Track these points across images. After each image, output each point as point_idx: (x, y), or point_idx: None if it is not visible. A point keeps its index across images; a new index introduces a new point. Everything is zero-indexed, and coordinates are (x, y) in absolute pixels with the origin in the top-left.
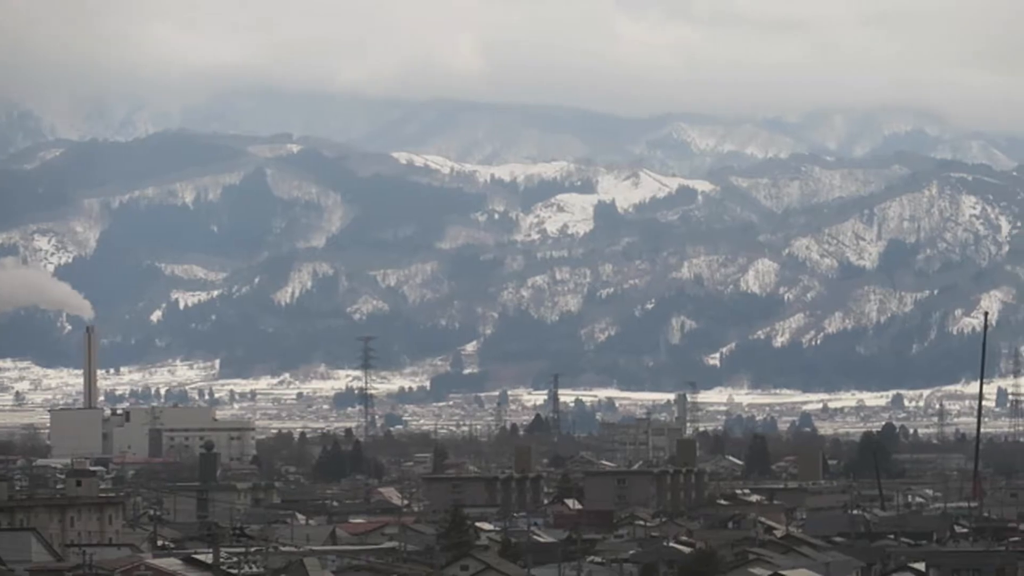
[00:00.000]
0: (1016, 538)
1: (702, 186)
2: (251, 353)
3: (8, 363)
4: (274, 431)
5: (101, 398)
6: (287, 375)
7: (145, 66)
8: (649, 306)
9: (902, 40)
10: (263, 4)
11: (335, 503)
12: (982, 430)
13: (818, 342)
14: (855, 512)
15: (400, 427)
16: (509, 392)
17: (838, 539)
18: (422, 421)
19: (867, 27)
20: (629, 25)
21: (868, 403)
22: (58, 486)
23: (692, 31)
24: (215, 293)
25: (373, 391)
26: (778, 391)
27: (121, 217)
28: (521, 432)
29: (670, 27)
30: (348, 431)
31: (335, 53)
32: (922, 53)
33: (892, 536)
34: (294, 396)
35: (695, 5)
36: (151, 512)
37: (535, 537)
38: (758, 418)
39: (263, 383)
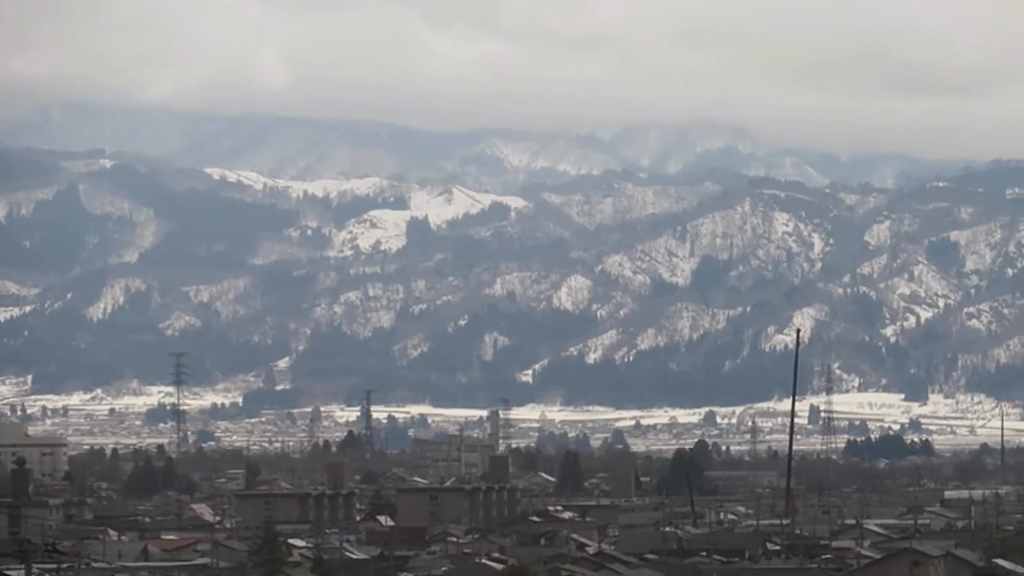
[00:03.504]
0: (828, 555)
1: (515, 202)
2: (63, 369)
3: None
4: (86, 447)
5: None
6: (99, 391)
7: None
8: (462, 322)
9: (713, 57)
10: (72, 18)
11: (147, 519)
12: (794, 447)
13: (631, 359)
14: (667, 529)
15: (212, 443)
16: (322, 408)
17: (650, 556)
18: (234, 437)
19: (676, 44)
20: (436, 39)
21: (680, 420)
22: None
23: (501, 46)
24: (27, 308)
25: (185, 407)
26: (591, 408)
27: None
28: (334, 448)
29: (478, 42)
30: (160, 447)
31: (145, 67)
32: (733, 70)
33: (704, 553)
34: (106, 412)
35: (503, 20)
36: None
37: (347, 554)
38: (571, 435)
39: (75, 399)
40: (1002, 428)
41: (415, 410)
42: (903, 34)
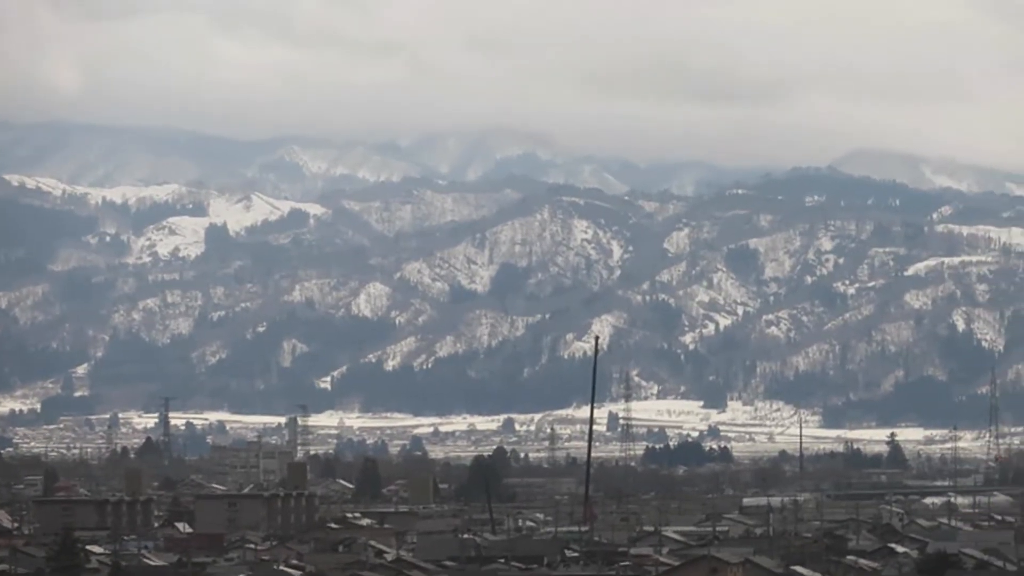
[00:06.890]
0: (627, 562)
1: (314, 209)
2: None
3: None
4: None
5: None
6: None
7: None
8: (260, 329)
9: (509, 64)
10: None
11: None
12: (593, 454)
13: (429, 365)
14: (466, 536)
15: (10, 450)
16: (120, 415)
17: (448, 563)
18: (32, 443)
19: (471, 51)
20: (229, 46)
21: (479, 427)
22: None
23: (294, 52)
24: None
25: None
26: (389, 414)
27: None
28: (132, 455)
29: (271, 48)
30: None
31: None
32: (530, 78)
33: (503, 560)
34: None
35: (294, 26)
36: None
37: (145, 560)
38: (369, 441)
39: None
40: (800, 435)
41: (213, 416)
42: (697, 43)
